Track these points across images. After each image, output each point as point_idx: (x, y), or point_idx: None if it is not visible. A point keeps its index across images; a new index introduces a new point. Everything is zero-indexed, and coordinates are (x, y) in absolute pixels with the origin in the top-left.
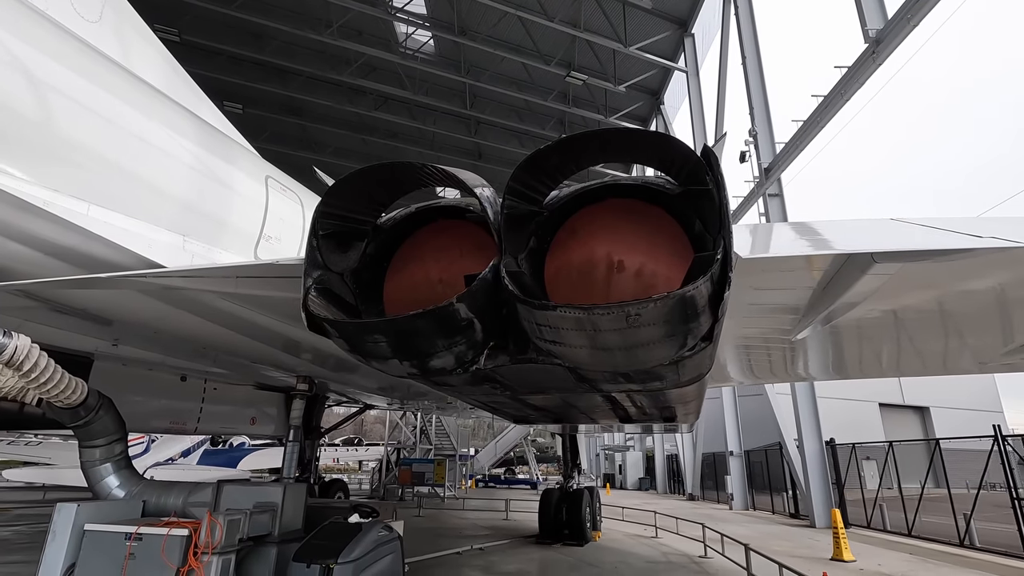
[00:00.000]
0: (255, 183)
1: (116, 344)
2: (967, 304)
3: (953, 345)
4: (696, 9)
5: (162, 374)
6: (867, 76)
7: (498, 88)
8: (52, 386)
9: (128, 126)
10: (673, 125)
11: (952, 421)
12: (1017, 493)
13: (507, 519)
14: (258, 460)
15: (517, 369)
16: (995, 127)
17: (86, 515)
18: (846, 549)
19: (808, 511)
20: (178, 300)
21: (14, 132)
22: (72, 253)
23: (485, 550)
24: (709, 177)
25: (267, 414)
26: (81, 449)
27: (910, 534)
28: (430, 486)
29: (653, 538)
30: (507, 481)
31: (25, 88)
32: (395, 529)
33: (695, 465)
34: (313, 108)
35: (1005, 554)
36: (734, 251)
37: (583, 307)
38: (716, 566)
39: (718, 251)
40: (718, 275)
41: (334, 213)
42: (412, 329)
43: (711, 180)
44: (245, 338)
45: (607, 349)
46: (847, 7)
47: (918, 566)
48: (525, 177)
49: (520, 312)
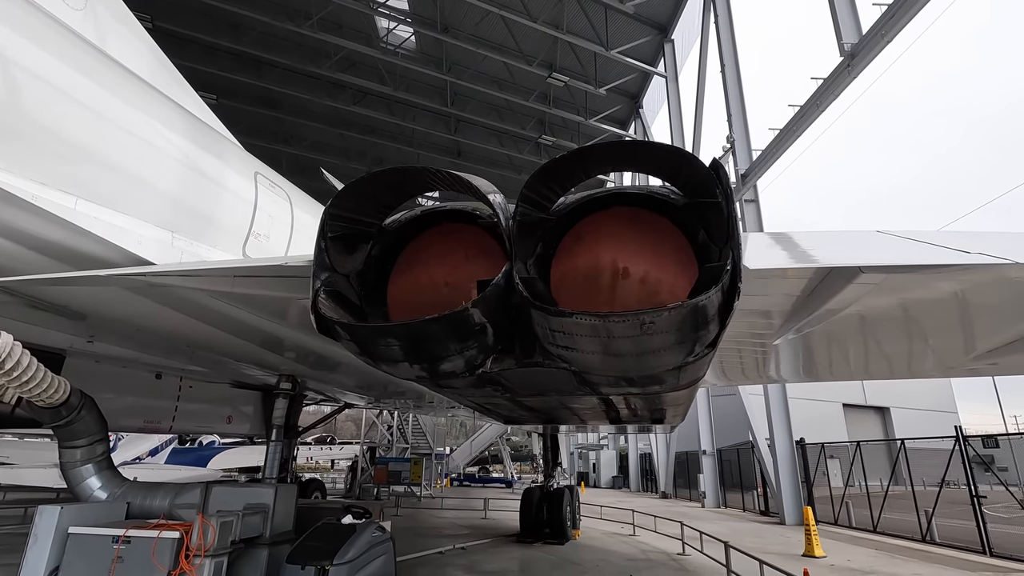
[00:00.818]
0: (244, 179)
1: (91, 340)
2: (941, 313)
3: (921, 350)
4: (677, 15)
5: (137, 371)
6: (842, 88)
7: (479, 87)
8: (34, 385)
9: (117, 118)
10: (651, 129)
11: (910, 421)
12: (977, 491)
13: (486, 518)
14: (228, 459)
15: (522, 372)
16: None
17: (69, 518)
18: (817, 546)
19: (778, 509)
20: (165, 297)
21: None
22: (58, 249)
23: (467, 549)
24: (719, 190)
25: (243, 413)
26: (61, 450)
27: (875, 530)
28: (406, 485)
29: (631, 536)
30: (482, 480)
31: (12, 77)
32: (387, 529)
33: (668, 464)
34: (290, 101)
35: (965, 548)
36: (743, 263)
37: (599, 314)
38: (695, 563)
39: (727, 262)
40: (728, 285)
41: (343, 215)
42: (426, 333)
43: (720, 193)
44: (230, 336)
45: (618, 355)
46: (824, 20)
47: (885, 561)
48: (538, 185)
49: (533, 317)
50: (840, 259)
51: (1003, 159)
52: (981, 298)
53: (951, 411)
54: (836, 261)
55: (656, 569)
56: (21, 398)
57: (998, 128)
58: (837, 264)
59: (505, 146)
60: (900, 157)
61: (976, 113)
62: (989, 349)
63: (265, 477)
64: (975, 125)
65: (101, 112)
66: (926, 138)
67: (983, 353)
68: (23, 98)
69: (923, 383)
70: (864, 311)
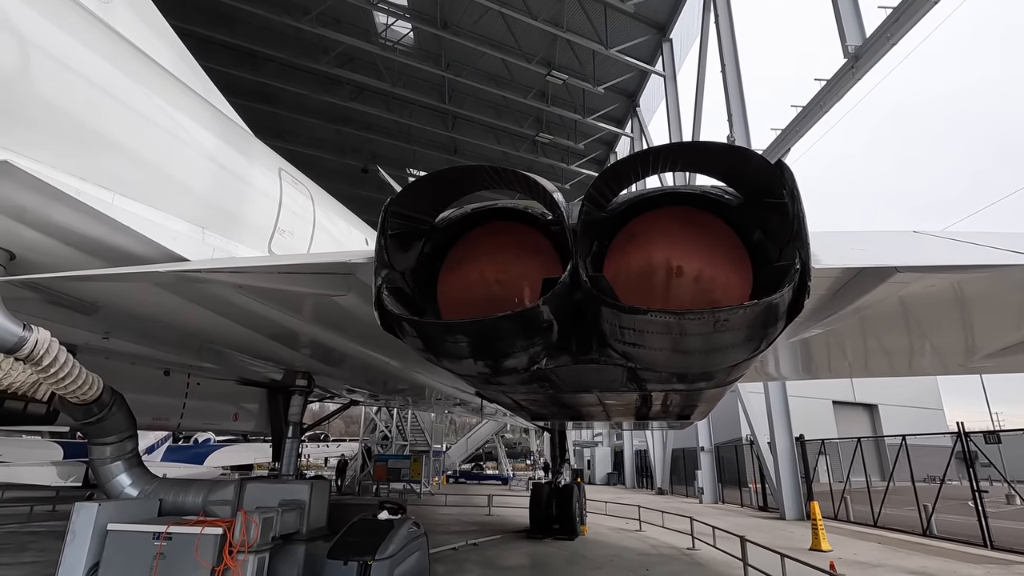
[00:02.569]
0: (270, 175)
1: (107, 337)
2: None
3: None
4: (676, 14)
5: (145, 368)
6: (846, 90)
7: (477, 83)
8: (70, 381)
9: (152, 113)
10: (648, 128)
11: (897, 417)
12: (979, 486)
13: (490, 515)
14: (225, 457)
15: (575, 369)
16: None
17: (107, 515)
18: (824, 540)
19: (778, 504)
20: (196, 293)
21: (43, 116)
22: (95, 244)
23: (479, 545)
24: (786, 191)
25: (248, 410)
26: (91, 447)
27: (875, 525)
28: (405, 482)
29: (638, 532)
30: (477, 477)
31: (55, 71)
32: (421, 525)
33: (665, 461)
34: (287, 96)
35: (965, 542)
36: (811, 262)
37: (675, 312)
38: (707, 557)
39: (796, 260)
40: (797, 284)
41: (402, 212)
42: (497, 330)
43: (787, 193)
44: (255, 333)
45: (686, 352)
46: (828, 21)
47: (889, 554)
48: (603, 186)
49: (603, 314)
50: (911, 259)
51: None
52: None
53: (937, 408)
54: (877, 261)
55: (670, 564)
56: (55, 394)
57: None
58: (881, 264)
59: (502, 143)
60: (911, 159)
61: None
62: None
63: (282, 474)
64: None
65: (137, 106)
66: (934, 141)
67: (997, 351)
68: (65, 95)
69: (910, 380)
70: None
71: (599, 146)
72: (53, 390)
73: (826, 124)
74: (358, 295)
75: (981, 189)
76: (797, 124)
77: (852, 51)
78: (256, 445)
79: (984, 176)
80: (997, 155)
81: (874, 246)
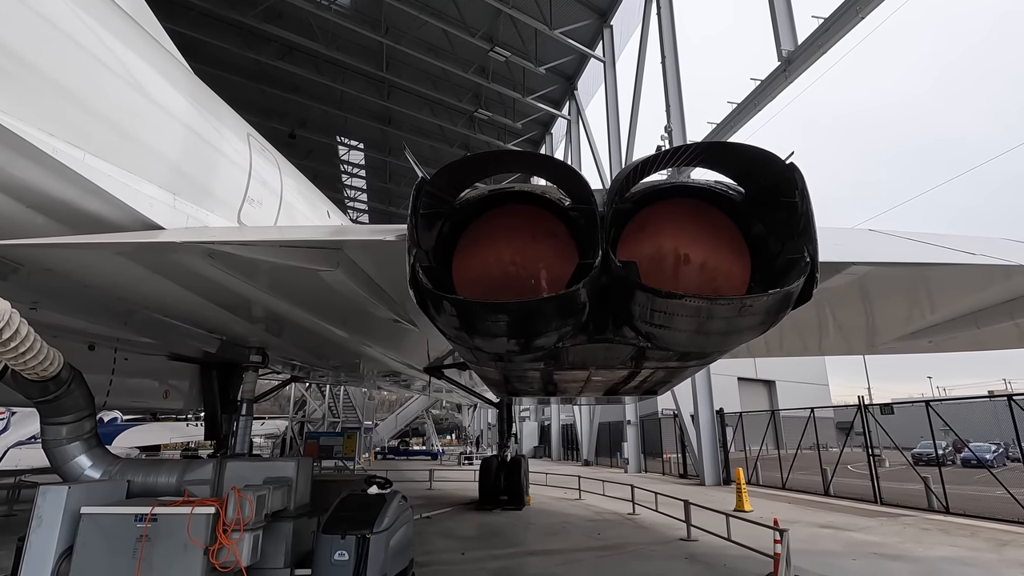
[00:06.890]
0: (239, 141)
1: (34, 307)
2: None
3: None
4: (617, 1)
5: (67, 342)
6: (779, 90)
7: (417, 53)
8: (31, 357)
9: (120, 63)
10: (586, 111)
11: (791, 392)
12: (873, 452)
13: (431, 489)
14: (135, 437)
15: (587, 348)
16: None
17: (78, 498)
18: (747, 502)
19: (698, 471)
20: (156, 263)
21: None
22: (63, 208)
23: (432, 518)
24: (797, 191)
25: (178, 387)
26: (44, 427)
27: (784, 487)
28: (338, 459)
29: (579, 500)
30: (405, 453)
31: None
32: (407, 499)
33: (592, 434)
34: (207, 49)
35: (859, 499)
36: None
37: (708, 297)
38: (648, 520)
39: (805, 254)
40: (808, 275)
41: (432, 192)
42: (538, 310)
43: (798, 192)
44: (215, 306)
45: (707, 333)
46: (765, 24)
47: (801, 512)
48: (635, 176)
49: (635, 298)
50: (875, 255)
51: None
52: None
53: (823, 383)
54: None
55: (617, 528)
56: (7, 369)
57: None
58: (884, 261)
59: (438, 117)
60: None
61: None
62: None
63: (225, 452)
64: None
65: (105, 56)
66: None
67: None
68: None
69: (802, 359)
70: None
71: (536, 126)
72: (11, 365)
73: (759, 122)
74: (345, 271)
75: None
76: (732, 119)
77: (785, 55)
78: (167, 424)
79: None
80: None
81: (834, 241)
